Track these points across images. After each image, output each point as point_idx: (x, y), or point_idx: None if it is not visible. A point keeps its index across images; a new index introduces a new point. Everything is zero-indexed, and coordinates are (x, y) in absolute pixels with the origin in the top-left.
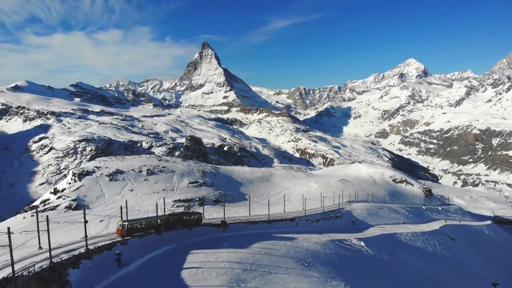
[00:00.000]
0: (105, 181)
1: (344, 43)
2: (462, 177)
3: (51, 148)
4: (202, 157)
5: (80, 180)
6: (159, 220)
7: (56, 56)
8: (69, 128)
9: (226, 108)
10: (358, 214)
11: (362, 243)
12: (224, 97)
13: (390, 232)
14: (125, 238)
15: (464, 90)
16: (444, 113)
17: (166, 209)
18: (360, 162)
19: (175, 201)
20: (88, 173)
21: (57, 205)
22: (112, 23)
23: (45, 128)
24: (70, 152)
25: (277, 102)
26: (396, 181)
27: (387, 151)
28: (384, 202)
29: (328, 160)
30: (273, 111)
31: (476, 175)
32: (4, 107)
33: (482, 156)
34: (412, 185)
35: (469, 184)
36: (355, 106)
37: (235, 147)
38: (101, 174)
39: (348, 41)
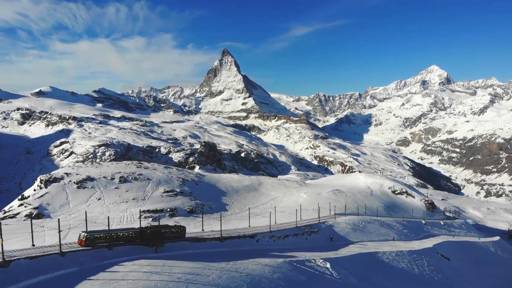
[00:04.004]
0: (73, 189)
1: (366, 49)
2: (485, 187)
3: (71, 153)
4: (217, 163)
5: (46, 187)
6: (131, 232)
7: (81, 63)
8: (89, 133)
9: (244, 114)
10: (340, 229)
11: (328, 265)
12: (243, 104)
13: (371, 251)
14: (86, 249)
15: (488, 98)
16: (468, 121)
17: (132, 220)
18: (360, 172)
19: (143, 211)
20: (55, 179)
21: (18, 213)
22: (136, 31)
23: (66, 132)
24: (90, 156)
25: (296, 108)
26: (396, 192)
27: (408, 159)
28: (377, 215)
29: (347, 167)
30: (291, 117)
31: (499, 185)
32: (27, 111)
33: (506, 165)
34: (413, 196)
35: (493, 194)
36: (376, 113)
37: (252, 153)
38: (70, 181)
39: (370, 48)
